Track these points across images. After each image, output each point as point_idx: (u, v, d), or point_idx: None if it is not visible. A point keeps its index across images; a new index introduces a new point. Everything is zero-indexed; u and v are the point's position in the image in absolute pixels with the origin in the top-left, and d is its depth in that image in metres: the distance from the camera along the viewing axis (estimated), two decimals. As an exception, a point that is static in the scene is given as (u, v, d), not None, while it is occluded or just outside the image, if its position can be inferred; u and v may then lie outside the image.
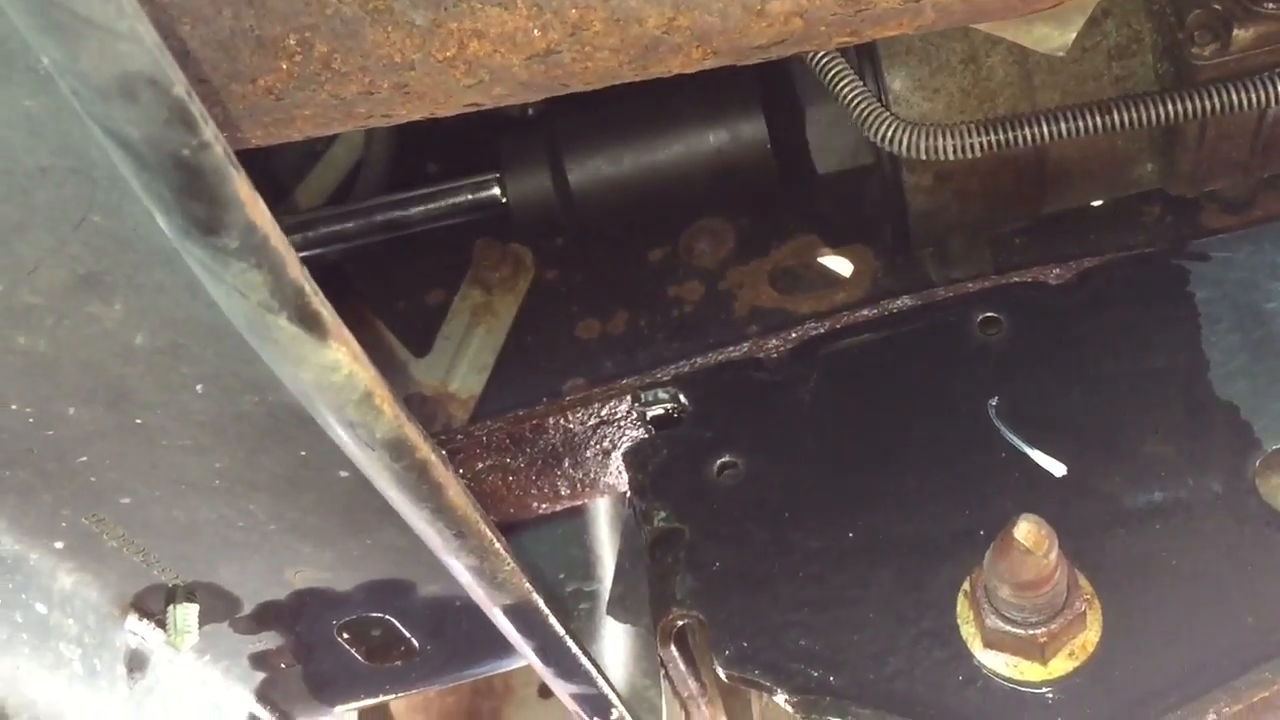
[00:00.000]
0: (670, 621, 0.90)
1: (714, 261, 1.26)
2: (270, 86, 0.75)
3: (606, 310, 1.24)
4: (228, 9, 0.72)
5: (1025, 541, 0.75)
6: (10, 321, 0.63)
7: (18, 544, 0.78)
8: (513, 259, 1.31)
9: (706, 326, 1.18)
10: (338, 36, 0.73)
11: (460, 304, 1.31)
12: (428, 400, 1.22)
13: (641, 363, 1.16)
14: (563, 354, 1.21)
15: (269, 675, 0.98)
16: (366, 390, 0.58)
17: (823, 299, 1.17)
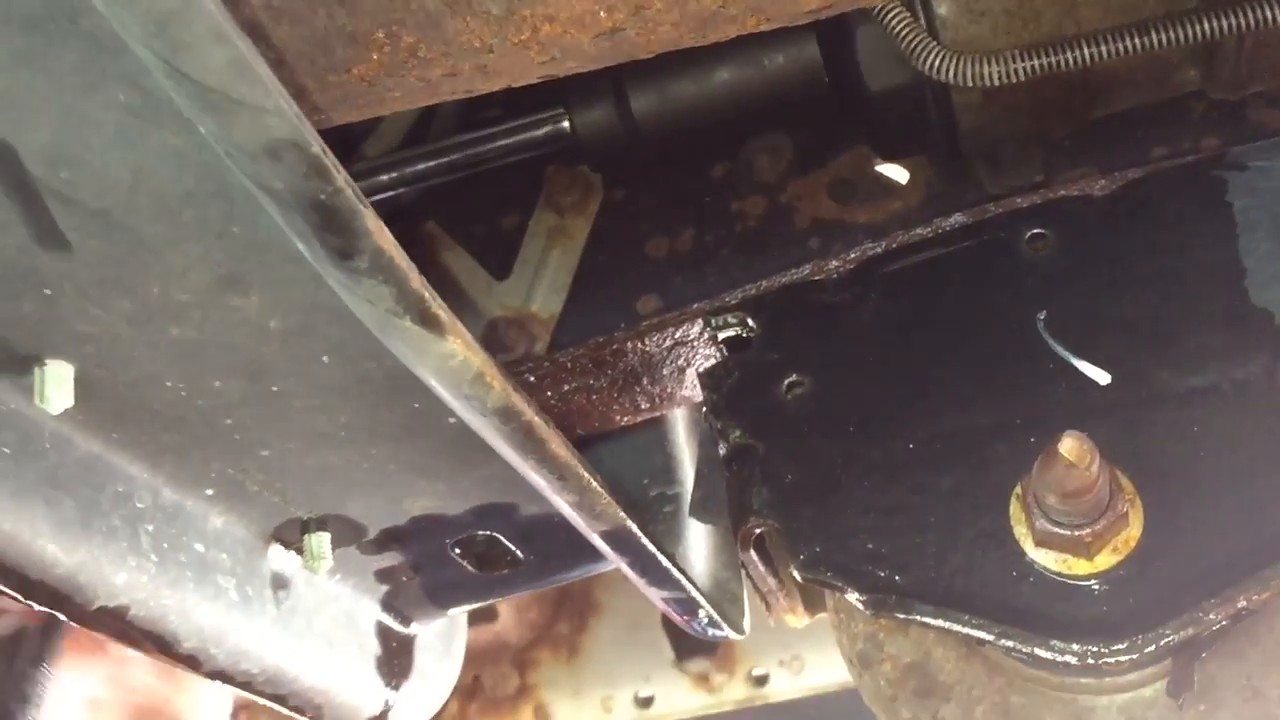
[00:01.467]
0: (749, 530, 0.99)
1: (774, 175, 1.32)
2: (363, 75, 0.82)
3: (674, 227, 1.30)
4: (322, 9, 0.79)
5: (1069, 456, 0.83)
6: (166, 316, 0.72)
7: (175, 494, 0.89)
8: (582, 182, 1.37)
9: (769, 240, 1.24)
10: (422, 28, 0.80)
11: (535, 227, 1.38)
12: (512, 324, 1.30)
13: (709, 278, 1.23)
14: (634, 271, 1.28)
15: (392, 587, 1.10)
16: (478, 371, 0.67)
17: (880, 208, 1.23)
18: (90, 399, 0.76)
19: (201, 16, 0.49)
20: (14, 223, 0.65)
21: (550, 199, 1.37)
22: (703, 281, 1.22)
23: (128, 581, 0.83)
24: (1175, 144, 1.14)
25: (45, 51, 0.56)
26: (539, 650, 2.19)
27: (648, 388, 1.25)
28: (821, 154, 1.29)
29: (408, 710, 1.16)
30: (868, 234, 1.19)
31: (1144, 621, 0.86)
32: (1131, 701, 0.92)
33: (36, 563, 0.77)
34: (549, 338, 1.28)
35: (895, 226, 1.20)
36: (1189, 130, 1.15)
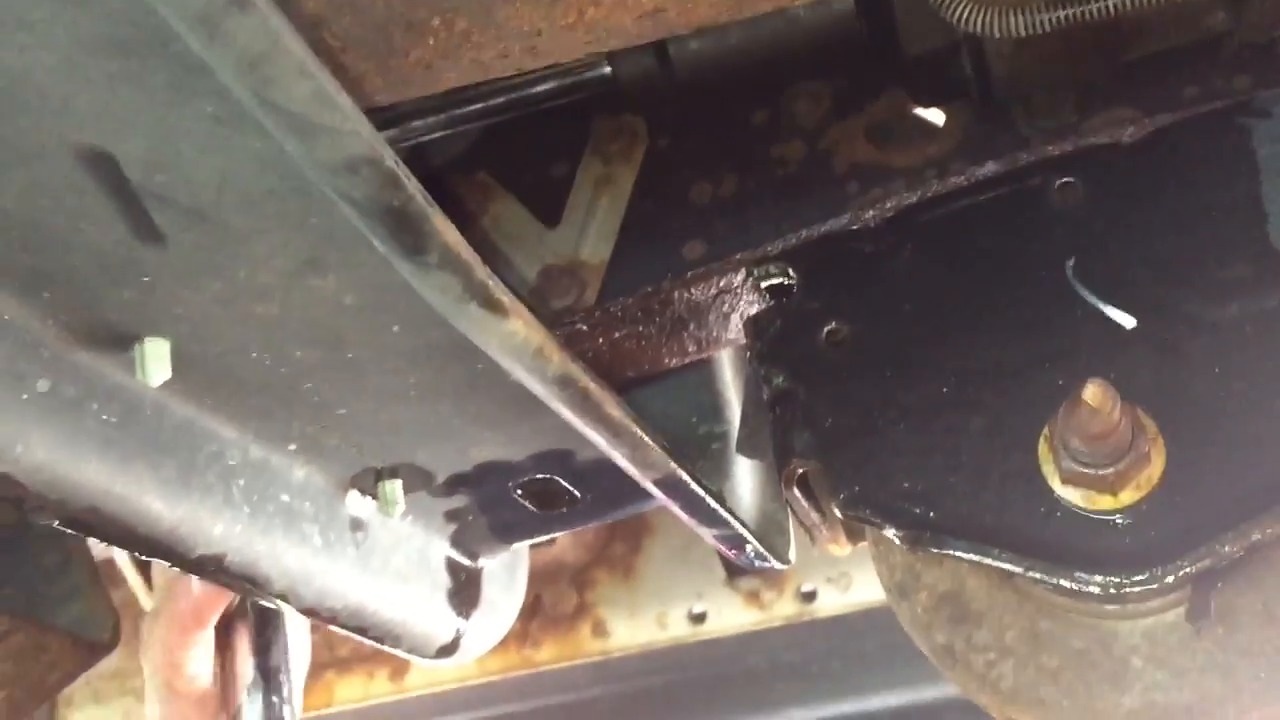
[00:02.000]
0: (792, 470, 1.06)
1: (813, 120, 1.35)
2: (420, 59, 0.88)
3: (716, 173, 1.35)
4: (381, 1, 0.84)
5: (1092, 402, 0.88)
6: (252, 297, 0.79)
7: (262, 451, 0.96)
8: (628, 131, 1.42)
9: (809, 183, 1.28)
10: (474, 14, 0.85)
11: (583, 175, 1.42)
12: (564, 271, 1.36)
13: (751, 224, 1.27)
14: (679, 217, 1.33)
15: (459, 526, 1.18)
16: (539, 346, 0.74)
17: (917, 151, 1.26)
18: (185, 370, 0.83)
19: (287, 56, 0.55)
20: (116, 221, 0.72)
21: (597, 147, 1.41)
22: (745, 227, 1.27)
23: (224, 532, 0.91)
24: (1206, 83, 1.16)
25: (139, 72, 0.63)
26: (596, 570, 2.28)
27: (695, 332, 1.31)
28: (859, 99, 1.33)
29: (477, 636, 1.25)
30: (905, 177, 1.23)
31: (1163, 553, 0.92)
32: (1154, 626, 0.98)
33: (144, 519, 0.85)
34: (599, 284, 1.34)
35: (932, 169, 1.23)
36: (1220, 69, 1.17)
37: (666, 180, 1.38)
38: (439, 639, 1.18)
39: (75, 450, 0.79)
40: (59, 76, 0.63)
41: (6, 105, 0.64)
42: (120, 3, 0.58)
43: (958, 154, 1.24)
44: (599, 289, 1.35)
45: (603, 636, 2.24)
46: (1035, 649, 1.00)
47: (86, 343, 0.80)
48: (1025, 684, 0.99)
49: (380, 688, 2.29)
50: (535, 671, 2.23)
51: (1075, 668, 0.98)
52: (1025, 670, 0.99)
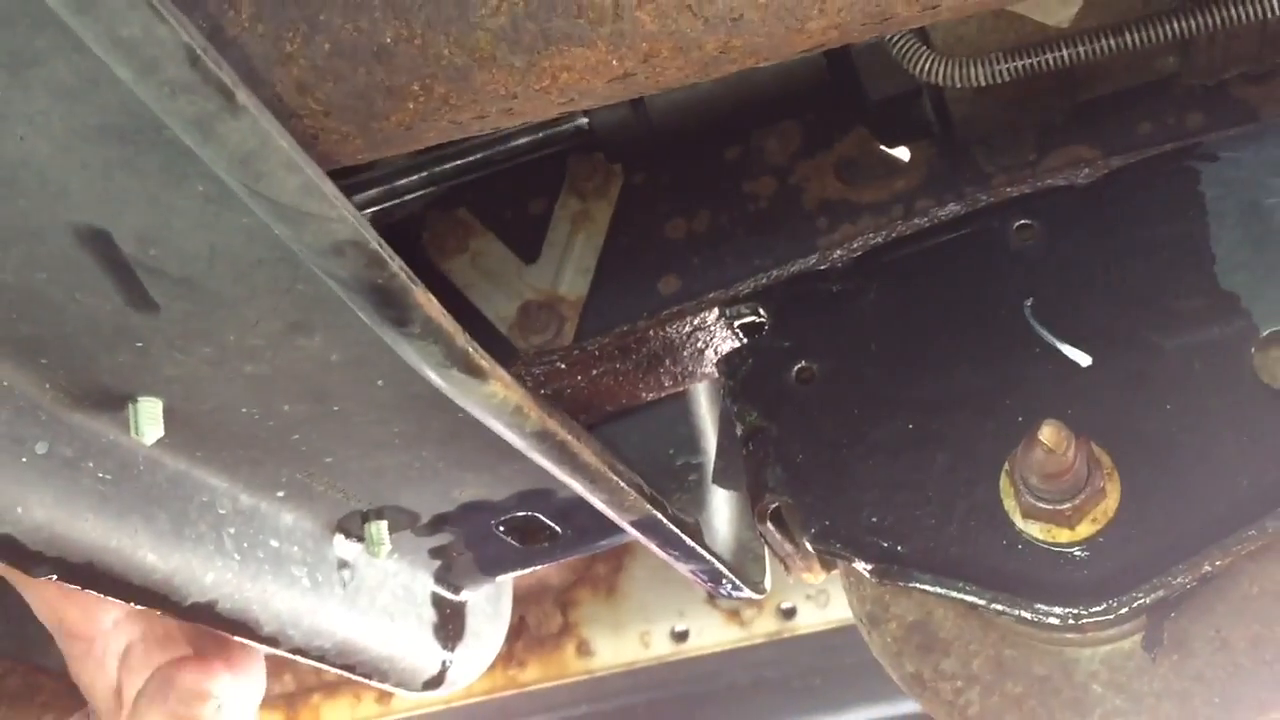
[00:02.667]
0: (765, 505, 1.09)
1: (783, 157, 1.39)
2: (400, 121, 0.91)
3: (691, 209, 1.39)
4: (362, 68, 0.88)
5: (1048, 442, 0.92)
6: (241, 357, 0.82)
7: (251, 499, 1.00)
8: (603, 169, 1.46)
9: (780, 218, 1.32)
10: (452, 80, 0.88)
11: (560, 213, 1.46)
12: (543, 306, 1.40)
13: (725, 259, 1.31)
14: (655, 252, 1.37)
15: (444, 562, 1.21)
16: (516, 404, 0.77)
17: (884, 187, 1.30)
18: (177, 427, 0.87)
19: (277, 153, 0.58)
20: (111, 292, 0.75)
21: (573, 185, 1.45)
22: (719, 263, 1.31)
23: (215, 579, 0.94)
24: (1160, 120, 1.21)
25: (134, 158, 0.66)
26: (579, 590, 2.31)
27: (670, 368, 1.35)
28: (827, 137, 1.37)
29: (463, 667, 1.28)
30: (872, 212, 1.27)
31: (1119, 585, 0.96)
32: (1112, 654, 1.02)
33: (138, 570, 0.89)
34: (577, 319, 1.38)
35: (898, 205, 1.28)
36: (1172, 107, 1.22)
37: (642, 216, 1.42)
38: (426, 672, 1.21)
39: (72, 508, 0.82)
40: (56, 163, 0.66)
41: (6, 190, 0.68)
42: (115, 97, 0.61)
43: (922, 190, 1.28)
44: (577, 324, 1.38)
45: (587, 656, 2.27)
46: (1000, 676, 1.04)
47: (82, 404, 0.83)
48: (991, 711, 1.03)
49: (367, 710, 2.32)
50: (521, 691, 2.26)
51: (1038, 694, 1.02)
52: (991, 697, 1.03)
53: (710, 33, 0.87)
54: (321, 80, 0.89)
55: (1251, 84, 1.24)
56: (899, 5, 0.85)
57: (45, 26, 0.58)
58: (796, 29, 0.86)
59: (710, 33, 0.87)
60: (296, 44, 0.89)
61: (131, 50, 0.53)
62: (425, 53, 0.88)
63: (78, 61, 0.60)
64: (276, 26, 0.89)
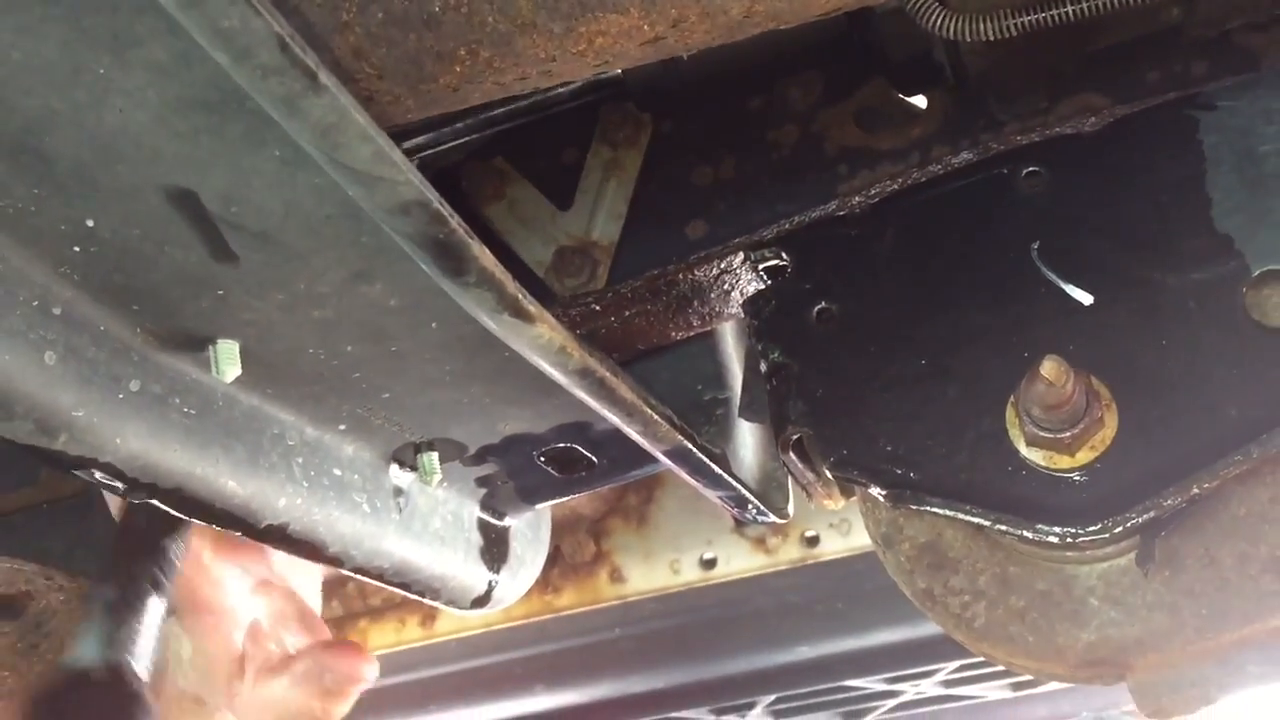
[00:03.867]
0: (787, 436, 1.18)
1: (805, 106, 1.46)
2: (448, 83, 0.98)
3: (716, 157, 1.45)
4: (412, 34, 0.95)
5: (1048, 376, 1.00)
6: (310, 303, 0.91)
7: (316, 431, 1.09)
8: (633, 118, 1.52)
9: (802, 165, 1.39)
10: (496, 45, 0.96)
11: (592, 161, 1.53)
12: (576, 251, 1.47)
13: (750, 205, 1.39)
14: (683, 199, 1.44)
15: (489, 490, 1.30)
16: (561, 345, 0.86)
17: (902, 134, 1.37)
18: (252, 366, 0.95)
19: (354, 125, 0.66)
20: (195, 244, 0.83)
21: (605, 135, 1.52)
22: (744, 208, 1.38)
23: (286, 504, 1.04)
24: (1167, 68, 1.26)
25: (219, 125, 0.74)
26: (612, 520, 2.41)
27: (699, 309, 1.42)
28: (847, 86, 1.43)
29: (507, 588, 1.38)
30: (891, 159, 1.34)
31: (1115, 506, 1.04)
32: (1108, 570, 1.10)
33: (220, 495, 0.98)
34: (609, 263, 1.45)
35: (915, 151, 1.34)
36: (1179, 55, 1.27)
37: (670, 164, 1.49)
38: (474, 591, 1.31)
39: (163, 439, 0.91)
40: (151, 131, 0.74)
41: (106, 155, 0.76)
42: (204, 73, 0.69)
43: (938, 137, 1.34)
44: (609, 268, 1.46)
45: (619, 583, 2.36)
46: (1005, 591, 1.12)
47: (168, 346, 0.92)
48: (996, 623, 1.12)
49: (411, 633, 2.43)
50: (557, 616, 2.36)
51: (1040, 607, 1.11)
52: (996, 610, 1.12)
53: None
54: (375, 46, 0.97)
55: (1255, 32, 1.29)
56: (911, -30, 0.91)
57: (145, 12, 0.66)
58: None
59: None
60: (353, 13, 0.96)
61: (230, 39, 0.61)
62: (471, 20, 0.95)
63: (172, 43, 0.68)
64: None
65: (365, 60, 0.98)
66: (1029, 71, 1.31)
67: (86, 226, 0.81)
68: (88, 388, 0.85)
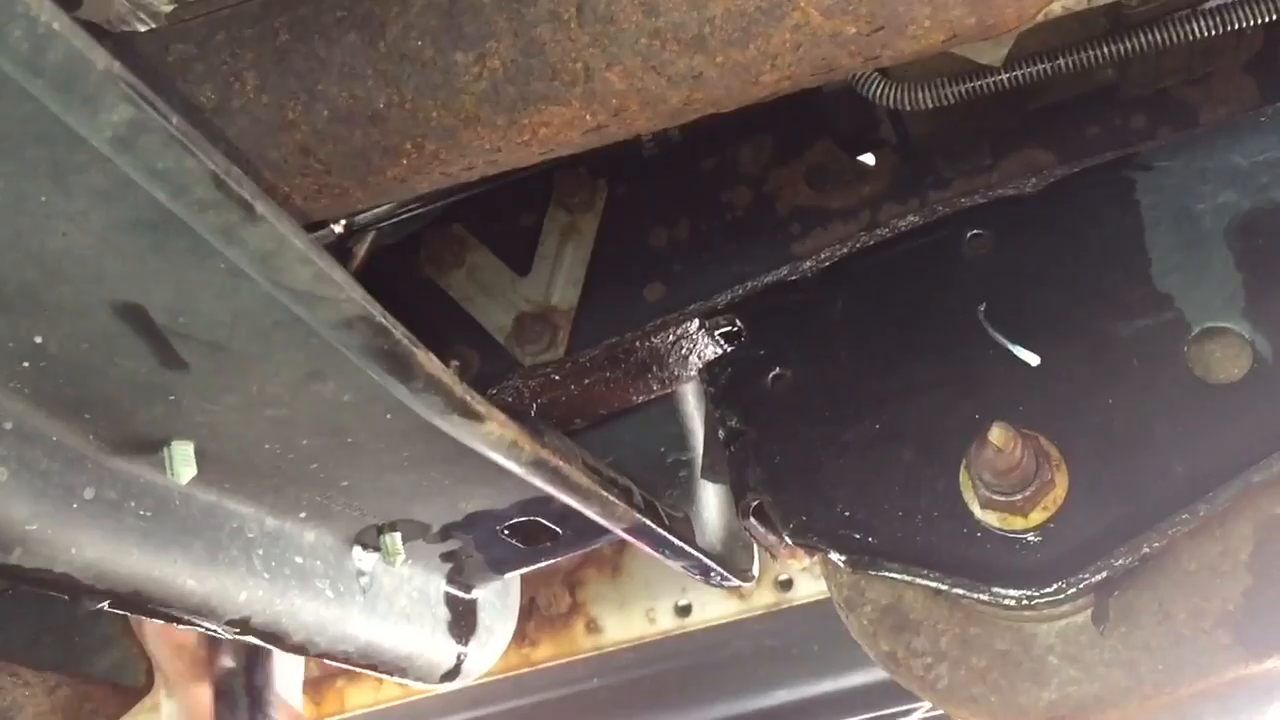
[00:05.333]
0: (747, 503, 1.19)
1: (757, 167, 1.48)
2: (396, 175, 1.00)
3: (672, 218, 1.47)
4: (359, 130, 0.96)
5: (996, 443, 1.02)
6: (263, 403, 0.91)
7: (276, 521, 1.09)
8: (588, 183, 1.54)
9: (756, 225, 1.41)
10: (441, 139, 0.97)
11: (550, 226, 1.55)
12: (536, 317, 1.49)
13: (706, 266, 1.40)
14: (640, 261, 1.45)
15: (455, 564, 1.31)
16: (513, 440, 0.87)
17: (852, 192, 1.39)
18: (207, 465, 0.96)
19: (292, 250, 0.67)
20: (145, 354, 0.84)
21: (560, 200, 1.54)
22: (700, 269, 1.40)
23: (248, 597, 1.04)
24: (1107, 123, 1.29)
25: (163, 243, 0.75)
26: (586, 571, 2.41)
27: (658, 373, 1.43)
28: (797, 146, 1.45)
29: (477, 659, 1.38)
30: (841, 217, 1.36)
31: (1068, 567, 1.06)
32: (1066, 628, 1.12)
33: (179, 595, 0.98)
34: (569, 328, 1.47)
35: (865, 209, 1.36)
36: (1118, 111, 1.30)
37: (626, 226, 1.51)
38: (443, 666, 1.31)
39: (119, 545, 0.92)
40: (95, 251, 0.75)
41: (51, 276, 0.77)
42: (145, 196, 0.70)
43: (887, 194, 1.36)
44: (570, 334, 1.47)
45: (595, 633, 2.37)
46: (966, 652, 1.14)
47: (122, 451, 0.92)
48: (959, 684, 1.13)
49: (389, 692, 2.42)
50: (534, 669, 2.36)
51: (1001, 667, 1.12)
52: (958, 671, 1.13)
53: (674, 89, 0.95)
54: (322, 143, 0.98)
55: (1191, 86, 1.31)
56: (843, 58, 0.93)
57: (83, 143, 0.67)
58: (751, 82, 0.94)
59: (674, 89, 0.95)
60: (298, 111, 0.98)
61: (165, 179, 0.62)
62: (415, 115, 0.97)
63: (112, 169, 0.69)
64: (279, 96, 0.97)
65: (313, 156, 0.99)
66: (973, 130, 1.33)
67: (35, 343, 0.81)
68: (41, 500, 0.86)
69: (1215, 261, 1.10)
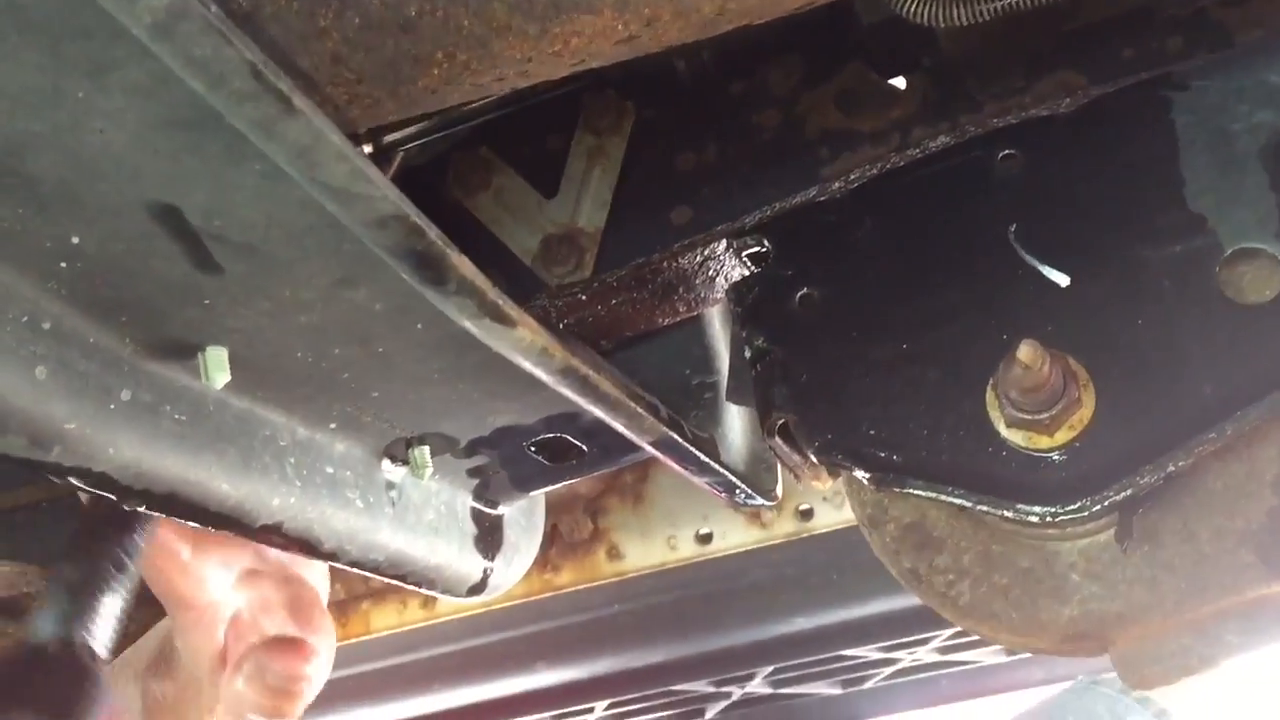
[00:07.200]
0: (772, 421, 1.20)
1: (786, 90, 1.46)
2: (427, 86, 0.99)
3: (700, 142, 1.47)
4: (390, 39, 0.96)
5: (1025, 360, 1.02)
6: (296, 309, 0.92)
7: (307, 431, 1.10)
8: (616, 105, 1.53)
9: (784, 149, 1.40)
10: (472, 49, 0.97)
11: (577, 149, 1.54)
12: (563, 239, 1.49)
13: (733, 190, 1.40)
14: (667, 184, 1.45)
15: (481, 481, 1.32)
16: (543, 346, 0.87)
17: (881, 116, 1.38)
18: (241, 371, 0.97)
19: (329, 146, 0.67)
20: (180, 257, 0.85)
21: (588, 122, 1.53)
22: (728, 193, 1.39)
23: (280, 504, 1.05)
24: (1143, 45, 1.27)
25: (199, 143, 0.75)
26: (608, 499, 2.43)
27: (684, 295, 1.44)
28: (827, 70, 1.44)
29: (502, 574, 1.40)
30: (871, 141, 1.35)
31: (1093, 484, 1.06)
32: (1089, 546, 1.12)
33: (214, 499, 1.00)
34: (595, 250, 1.47)
35: (895, 133, 1.35)
36: (1154, 33, 1.28)
37: (654, 150, 1.50)
38: (469, 580, 1.33)
39: (155, 447, 0.93)
40: (131, 150, 0.75)
41: (88, 175, 0.77)
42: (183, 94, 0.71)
43: (918, 118, 1.35)
44: (596, 256, 1.48)
45: (617, 560, 2.39)
46: (988, 569, 1.15)
47: (158, 356, 0.93)
48: (980, 600, 1.14)
49: (414, 615, 2.46)
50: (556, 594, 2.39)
51: (1023, 584, 1.13)
52: (980, 588, 1.14)
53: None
54: (353, 51, 0.98)
55: (1228, 7, 1.30)
56: (879, -34, 0.92)
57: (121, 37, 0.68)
58: (787, -9, 0.94)
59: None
60: (329, 19, 0.97)
61: (203, 67, 0.62)
62: (447, 24, 0.96)
63: (150, 65, 0.69)
64: (310, 4, 0.97)
65: (344, 65, 0.99)
66: (1006, 52, 1.32)
67: (72, 243, 0.82)
68: (79, 400, 0.87)
69: (1250, 182, 1.09)
